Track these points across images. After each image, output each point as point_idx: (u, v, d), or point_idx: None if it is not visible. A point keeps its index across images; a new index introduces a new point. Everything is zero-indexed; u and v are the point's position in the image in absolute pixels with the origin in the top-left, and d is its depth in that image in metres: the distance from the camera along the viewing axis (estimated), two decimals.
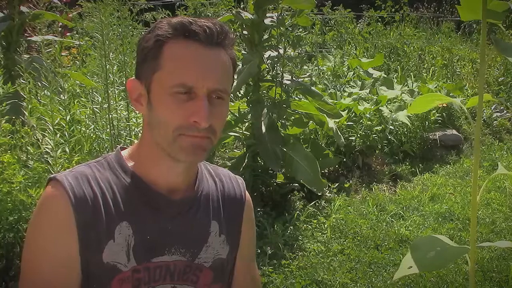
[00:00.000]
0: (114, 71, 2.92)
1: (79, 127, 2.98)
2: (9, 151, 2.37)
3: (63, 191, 0.90)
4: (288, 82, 3.35)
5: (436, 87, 5.72)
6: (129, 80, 0.99)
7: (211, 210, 1.05)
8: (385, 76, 5.97)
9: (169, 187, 0.99)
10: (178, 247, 0.99)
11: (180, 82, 0.89)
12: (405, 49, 7.46)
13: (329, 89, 5.44)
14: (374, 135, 4.53)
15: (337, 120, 3.98)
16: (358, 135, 4.46)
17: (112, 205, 0.94)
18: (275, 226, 3.10)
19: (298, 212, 3.32)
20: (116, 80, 2.95)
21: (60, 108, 2.63)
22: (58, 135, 2.51)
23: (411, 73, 6.62)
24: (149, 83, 0.94)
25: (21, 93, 2.73)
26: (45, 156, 2.53)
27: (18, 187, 2.19)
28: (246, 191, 1.15)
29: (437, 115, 5.25)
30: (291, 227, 3.17)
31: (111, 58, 2.91)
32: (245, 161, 3.37)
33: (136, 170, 0.99)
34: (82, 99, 3.51)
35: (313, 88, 3.65)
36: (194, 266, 1.01)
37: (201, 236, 1.03)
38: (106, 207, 0.93)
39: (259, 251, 2.83)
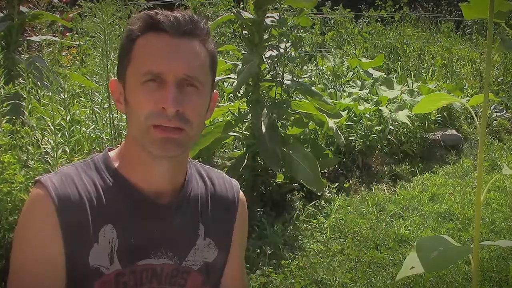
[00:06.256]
0: (115, 71, 2.92)
1: (79, 127, 2.98)
2: (9, 151, 2.37)
3: (47, 193, 0.90)
4: (288, 82, 3.35)
5: (436, 87, 5.72)
6: (111, 81, 0.99)
7: (199, 213, 1.04)
8: (385, 76, 5.97)
9: (155, 190, 0.98)
10: (165, 251, 0.98)
11: (147, 70, 0.90)
12: (405, 49, 7.46)
13: (329, 89, 5.44)
14: (374, 135, 4.53)
15: (337, 120, 3.98)
16: (358, 135, 4.46)
17: (97, 207, 0.93)
18: (275, 226, 3.10)
19: (297, 212, 3.32)
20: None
21: (60, 108, 2.63)
22: (58, 135, 2.51)
23: (411, 73, 6.63)
24: (124, 79, 0.95)
25: (21, 93, 2.73)
26: (45, 156, 2.53)
27: (18, 187, 2.19)
28: (240, 193, 1.12)
29: (437, 115, 5.24)
30: (291, 227, 3.17)
31: (112, 58, 2.92)
32: (245, 161, 3.37)
33: (122, 172, 0.98)
34: (82, 99, 3.50)
35: (313, 88, 3.65)
36: (182, 269, 1.00)
37: (189, 239, 1.02)
38: (91, 209, 0.93)
39: (258, 251, 2.83)
